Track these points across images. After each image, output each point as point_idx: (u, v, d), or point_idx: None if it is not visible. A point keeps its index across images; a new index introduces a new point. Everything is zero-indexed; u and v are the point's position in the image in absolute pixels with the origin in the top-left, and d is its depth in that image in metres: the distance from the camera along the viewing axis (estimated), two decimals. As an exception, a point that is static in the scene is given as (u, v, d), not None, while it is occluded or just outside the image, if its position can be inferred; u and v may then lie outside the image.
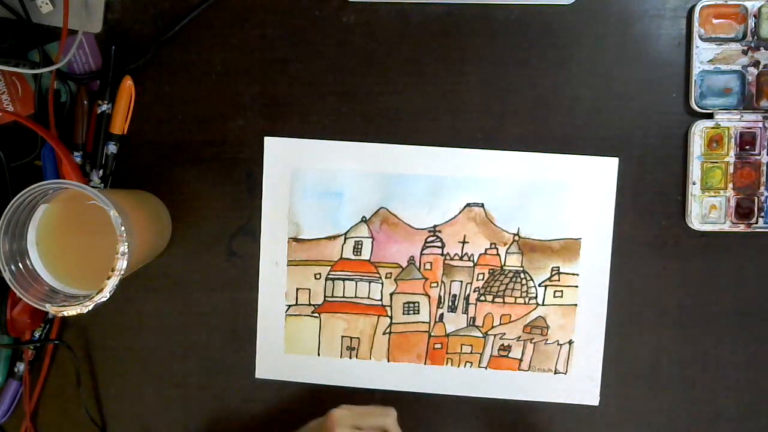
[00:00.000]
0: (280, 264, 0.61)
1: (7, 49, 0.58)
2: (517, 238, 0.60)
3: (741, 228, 0.59)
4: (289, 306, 0.61)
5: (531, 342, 0.61)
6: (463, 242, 0.60)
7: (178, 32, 0.60)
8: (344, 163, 0.60)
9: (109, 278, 0.49)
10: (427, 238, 0.60)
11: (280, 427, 0.62)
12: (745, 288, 0.60)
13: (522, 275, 0.60)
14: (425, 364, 0.61)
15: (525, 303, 0.61)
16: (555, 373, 0.61)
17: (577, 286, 0.60)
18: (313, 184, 0.60)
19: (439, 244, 0.60)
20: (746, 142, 0.59)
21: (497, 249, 0.60)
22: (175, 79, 0.61)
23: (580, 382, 0.61)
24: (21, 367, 0.62)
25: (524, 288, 0.60)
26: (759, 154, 0.59)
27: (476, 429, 0.62)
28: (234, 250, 0.62)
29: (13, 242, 0.51)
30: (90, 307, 0.49)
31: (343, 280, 0.61)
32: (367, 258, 0.61)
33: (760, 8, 0.57)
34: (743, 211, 0.59)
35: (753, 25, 0.58)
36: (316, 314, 0.61)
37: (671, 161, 0.60)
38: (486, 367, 0.61)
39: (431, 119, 0.60)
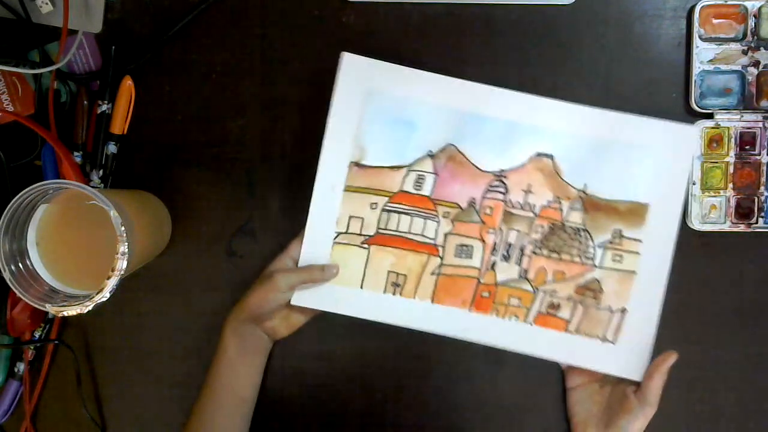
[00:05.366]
0: (336, 188, 0.58)
1: (7, 49, 0.58)
2: (582, 194, 0.58)
3: (741, 228, 0.59)
4: (339, 234, 0.59)
5: (582, 304, 0.58)
6: (527, 191, 0.58)
7: (178, 32, 0.60)
8: (420, 93, 0.57)
9: (109, 278, 0.49)
10: (492, 182, 0.58)
11: (280, 424, 0.62)
12: (745, 288, 0.60)
13: (582, 233, 0.58)
14: (470, 310, 0.59)
15: (581, 262, 0.58)
16: (603, 341, 0.58)
17: (638, 253, 0.57)
18: (385, 108, 0.57)
19: (503, 189, 0.58)
20: (746, 142, 0.59)
21: (560, 203, 0.58)
22: (175, 79, 0.61)
23: (628, 354, 0.57)
24: (21, 367, 0.62)
25: (583, 247, 0.58)
26: (759, 154, 0.59)
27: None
28: (234, 250, 0.62)
29: (13, 242, 0.51)
30: (90, 307, 0.49)
31: (399, 213, 0.58)
32: (428, 194, 0.58)
33: (760, 8, 0.57)
34: (743, 211, 0.59)
35: (753, 25, 0.58)
36: (366, 245, 0.59)
37: (671, 161, 0.60)
38: (532, 323, 0.59)
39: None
